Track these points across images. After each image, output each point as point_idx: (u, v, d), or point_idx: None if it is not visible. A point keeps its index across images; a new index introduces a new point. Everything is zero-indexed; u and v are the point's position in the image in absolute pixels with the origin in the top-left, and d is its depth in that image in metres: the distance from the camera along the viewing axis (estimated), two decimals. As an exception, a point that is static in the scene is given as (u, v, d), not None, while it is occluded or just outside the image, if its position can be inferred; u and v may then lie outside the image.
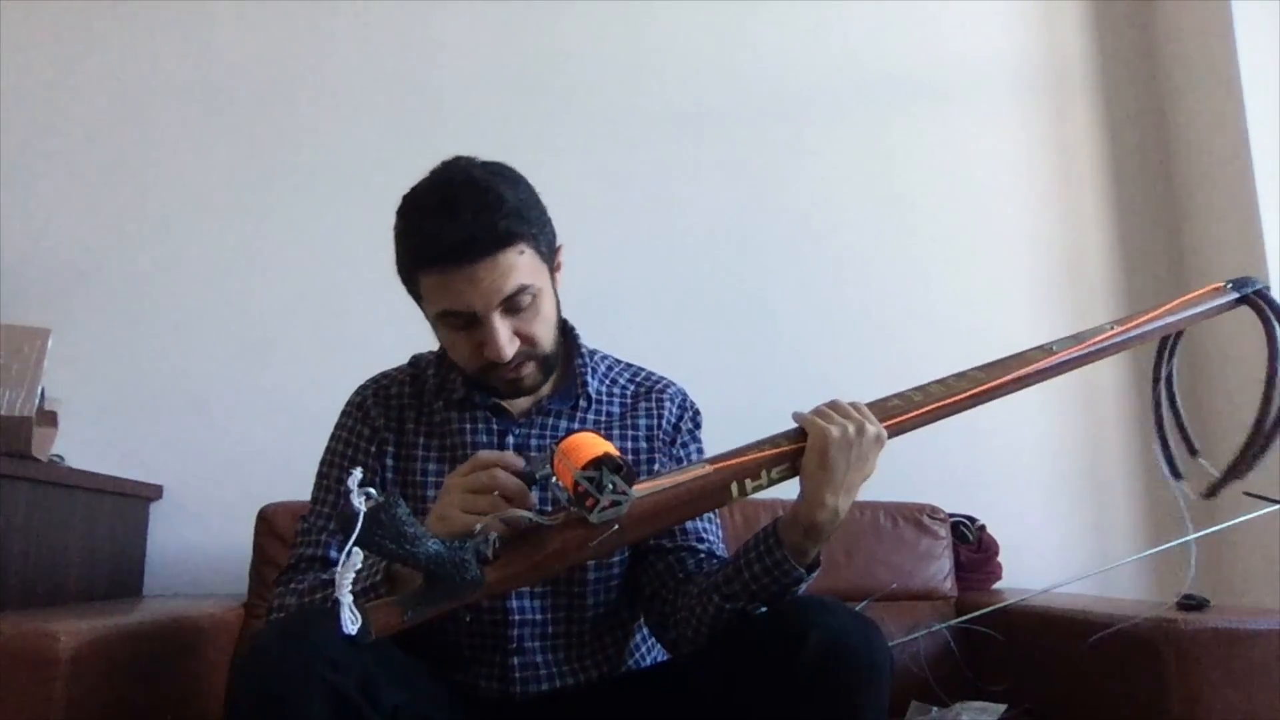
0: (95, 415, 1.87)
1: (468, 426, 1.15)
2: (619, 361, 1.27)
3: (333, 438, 1.19)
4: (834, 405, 0.98)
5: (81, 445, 1.79)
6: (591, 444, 0.87)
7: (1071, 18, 2.40)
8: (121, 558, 1.76)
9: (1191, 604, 1.36)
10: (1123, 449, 2.21)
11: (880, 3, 2.33)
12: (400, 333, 1.46)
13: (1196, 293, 1.17)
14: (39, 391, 1.54)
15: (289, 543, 1.24)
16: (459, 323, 1.05)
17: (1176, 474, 1.17)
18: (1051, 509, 2.15)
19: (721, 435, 1.17)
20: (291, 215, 2.04)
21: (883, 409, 1.00)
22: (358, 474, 0.79)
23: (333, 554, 1.09)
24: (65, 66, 2.03)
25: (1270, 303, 1.17)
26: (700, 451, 1.23)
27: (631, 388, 1.24)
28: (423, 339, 1.31)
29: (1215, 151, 2.19)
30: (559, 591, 1.11)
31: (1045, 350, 1.08)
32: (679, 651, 1.11)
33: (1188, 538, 1.64)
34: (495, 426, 1.16)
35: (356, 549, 0.77)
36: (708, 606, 1.02)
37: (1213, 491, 1.17)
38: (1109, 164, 2.34)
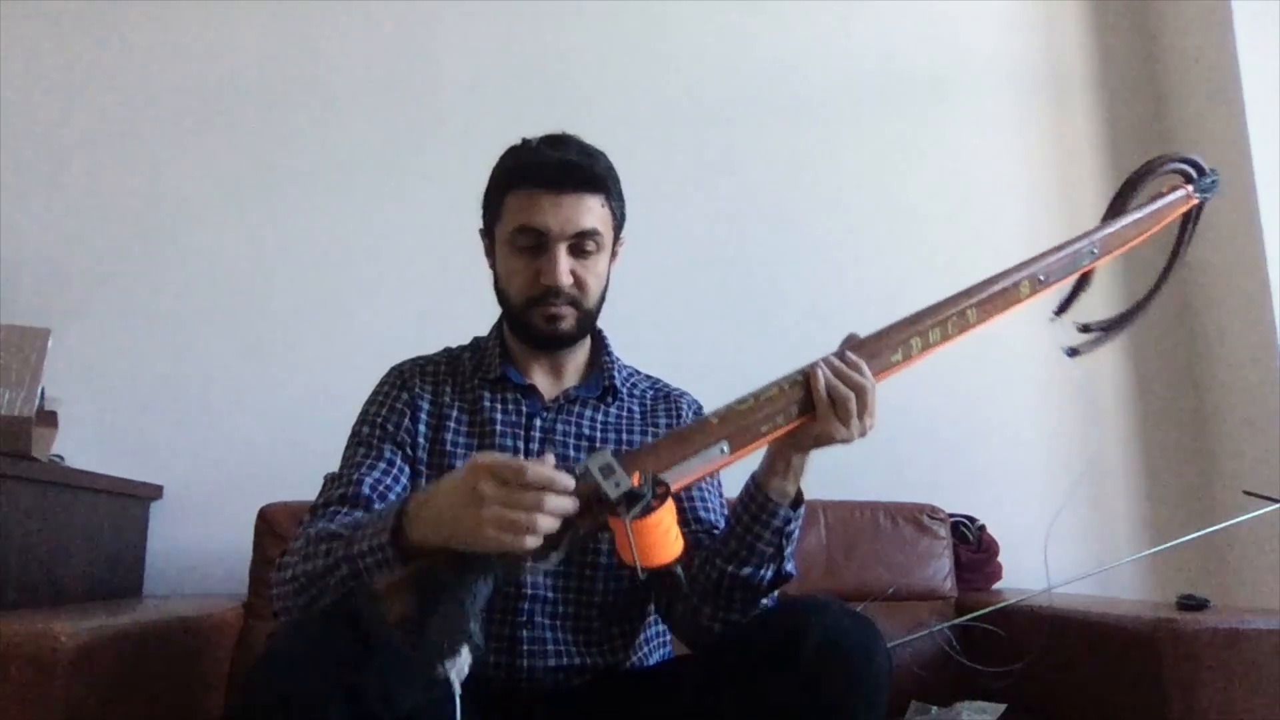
0: (95, 415, 1.87)
1: (498, 406, 1.18)
2: (638, 370, 1.32)
3: (369, 401, 1.21)
4: (859, 397, 0.96)
5: (81, 445, 1.80)
6: (668, 548, 0.85)
7: (1071, 17, 2.40)
8: (121, 558, 1.76)
9: (1191, 604, 1.36)
10: (1123, 449, 2.21)
11: (881, 2, 2.33)
12: (401, 332, 1.47)
13: (1168, 204, 1.18)
14: (39, 391, 1.55)
15: (289, 542, 1.23)
16: (527, 243, 1.13)
17: (1062, 311, 1.19)
18: (1051, 509, 2.15)
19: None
20: (292, 215, 2.04)
21: (884, 362, 1.01)
22: (466, 658, 0.78)
23: (364, 490, 1.08)
24: (66, 67, 2.03)
25: (1198, 216, 1.22)
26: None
27: (651, 392, 1.29)
28: (423, 340, 1.32)
29: (1215, 151, 2.19)
30: (570, 574, 1.12)
31: (1033, 283, 1.09)
32: (684, 628, 1.11)
33: (1187, 537, 1.65)
34: (524, 409, 1.19)
35: None
36: (711, 574, 1.04)
37: (1074, 351, 1.18)
38: (1109, 164, 2.34)
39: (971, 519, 1.97)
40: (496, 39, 2.18)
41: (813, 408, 0.96)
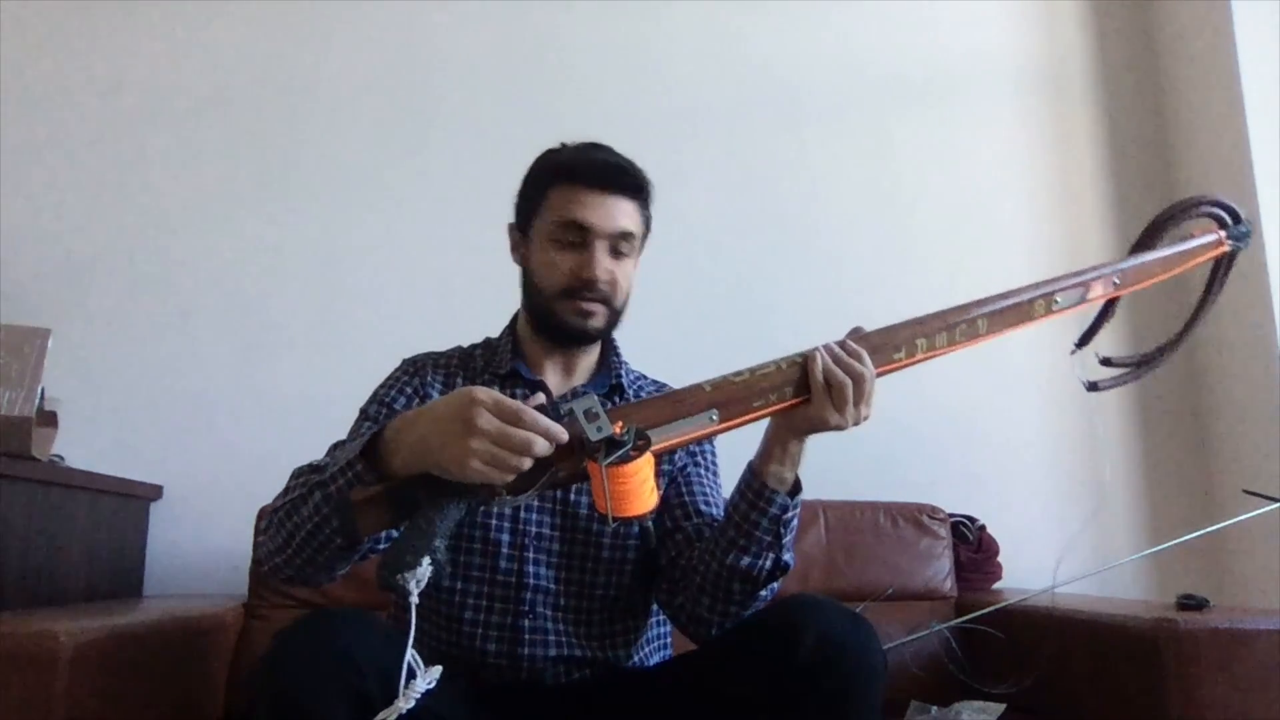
0: (95, 415, 1.87)
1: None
2: (644, 375, 1.34)
3: (380, 385, 1.22)
4: (856, 385, 0.96)
5: (81, 445, 1.79)
6: (642, 499, 0.86)
7: (1071, 17, 2.40)
8: (121, 558, 1.76)
9: (1191, 604, 1.36)
10: (1123, 449, 2.21)
11: (881, 2, 2.33)
12: (401, 332, 1.47)
13: (1197, 246, 1.16)
14: (39, 391, 1.54)
15: None
16: (569, 238, 1.15)
17: (1083, 343, 1.16)
18: (1051, 509, 2.15)
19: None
20: (292, 216, 2.04)
21: (886, 358, 1.00)
22: (426, 570, 0.80)
23: None
24: (65, 67, 2.03)
25: (1230, 264, 1.20)
26: (714, 453, 1.28)
27: (655, 392, 1.30)
28: (424, 340, 1.32)
29: (1215, 151, 2.19)
30: (573, 566, 1.14)
31: (1048, 303, 1.07)
32: (685, 618, 1.12)
33: (1187, 536, 1.65)
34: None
35: (413, 657, 0.78)
36: (711, 563, 1.05)
37: (1094, 386, 1.17)
38: (1109, 164, 2.34)
39: (971, 519, 1.97)
40: (494, 42, 2.18)
41: (808, 390, 0.96)
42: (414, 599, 0.79)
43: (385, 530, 0.91)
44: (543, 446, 0.84)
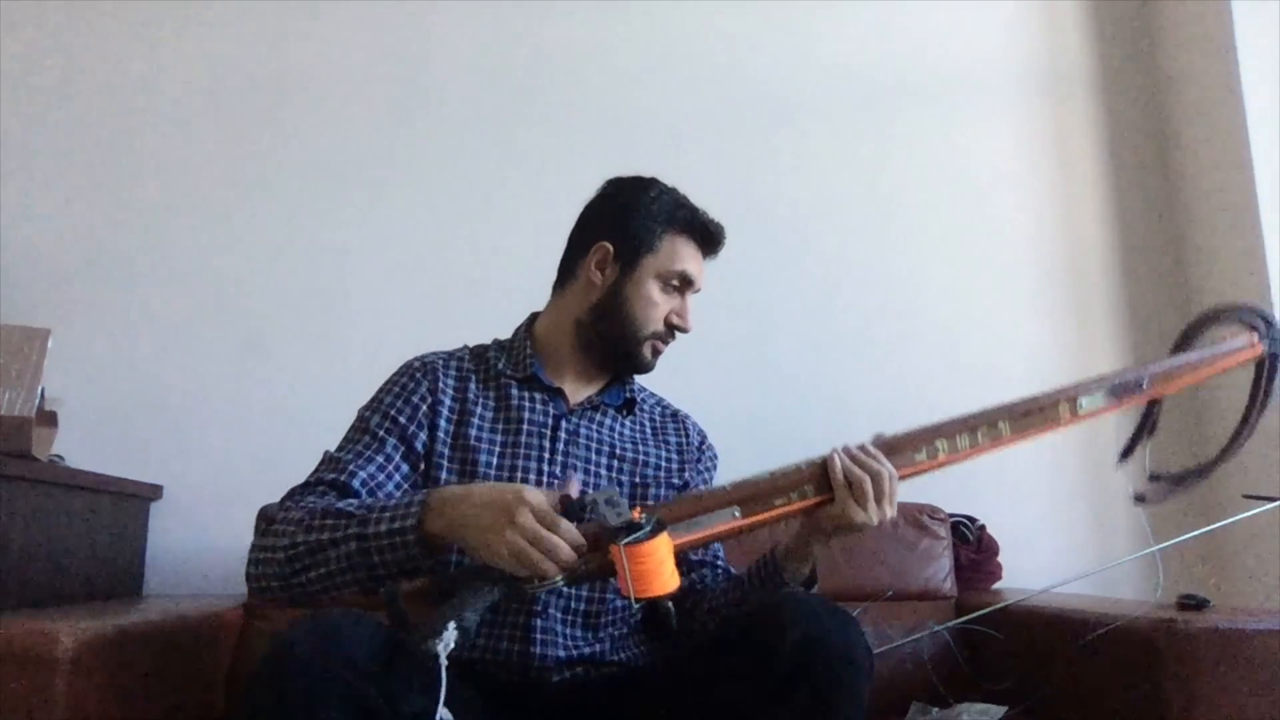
0: (95, 415, 1.87)
1: (527, 404, 1.22)
2: (644, 387, 1.38)
3: (384, 389, 1.22)
4: (875, 482, 1.03)
5: (81, 445, 1.79)
6: (662, 580, 0.90)
7: (1071, 18, 2.40)
8: (121, 558, 1.76)
9: (1191, 604, 1.36)
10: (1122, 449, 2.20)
11: (880, 4, 2.33)
12: (400, 332, 1.46)
13: (1230, 350, 1.17)
14: (39, 391, 1.54)
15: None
16: (676, 286, 1.25)
17: (1126, 455, 1.18)
18: (1051, 509, 2.15)
19: (714, 440, 1.31)
20: (292, 216, 2.04)
21: (910, 461, 1.08)
22: (451, 637, 0.85)
23: (354, 484, 1.10)
24: (65, 67, 2.03)
25: (1273, 370, 1.19)
26: (715, 469, 1.35)
27: (659, 409, 1.36)
28: (423, 340, 1.32)
29: (1215, 152, 2.19)
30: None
31: (1072, 408, 1.10)
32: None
33: (1187, 535, 1.64)
34: (551, 410, 1.23)
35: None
36: (717, 621, 1.14)
37: (1141, 499, 1.19)
38: (1109, 164, 2.34)
39: (971, 519, 1.97)
40: (489, 41, 2.18)
41: (830, 489, 1.02)
42: (443, 661, 0.83)
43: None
44: (567, 554, 0.91)
